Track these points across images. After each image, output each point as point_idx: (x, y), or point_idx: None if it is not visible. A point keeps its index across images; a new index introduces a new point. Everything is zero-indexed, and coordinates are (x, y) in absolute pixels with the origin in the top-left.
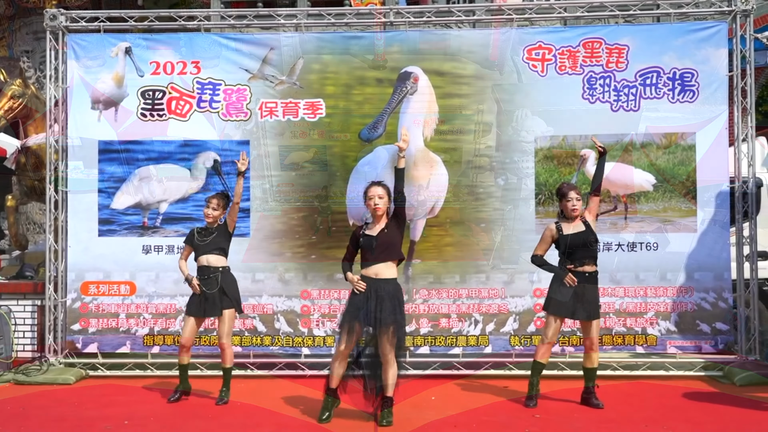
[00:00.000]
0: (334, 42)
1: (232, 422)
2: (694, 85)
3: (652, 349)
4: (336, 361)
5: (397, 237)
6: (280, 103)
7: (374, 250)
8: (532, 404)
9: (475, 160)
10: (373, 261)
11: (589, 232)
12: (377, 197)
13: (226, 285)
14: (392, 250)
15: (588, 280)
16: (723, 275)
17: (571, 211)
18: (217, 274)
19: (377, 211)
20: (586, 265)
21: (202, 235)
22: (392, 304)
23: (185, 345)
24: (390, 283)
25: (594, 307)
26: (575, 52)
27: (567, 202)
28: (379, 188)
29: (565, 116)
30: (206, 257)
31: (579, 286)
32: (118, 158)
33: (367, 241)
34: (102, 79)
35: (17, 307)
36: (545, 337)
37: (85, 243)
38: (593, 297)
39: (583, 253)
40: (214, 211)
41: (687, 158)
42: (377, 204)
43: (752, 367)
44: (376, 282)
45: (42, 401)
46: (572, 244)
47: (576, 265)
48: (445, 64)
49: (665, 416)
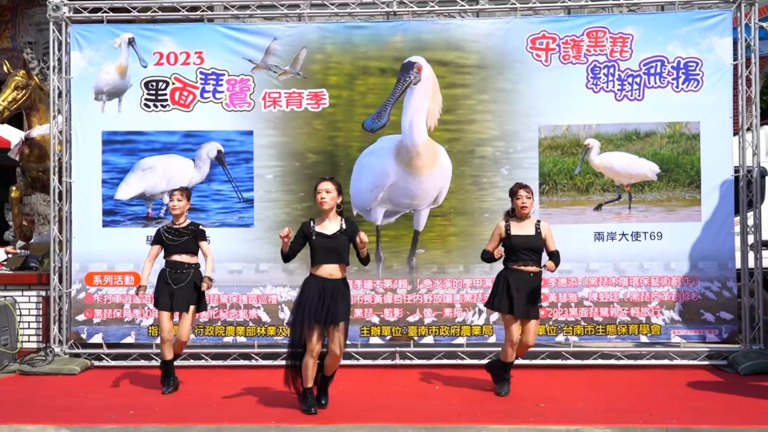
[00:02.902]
0: (337, 32)
1: (237, 412)
2: (699, 74)
3: (656, 339)
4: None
5: (348, 245)
6: (284, 94)
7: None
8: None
9: (478, 149)
10: (325, 262)
11: (538, 239)
12: (324, 191)
13: (197, 280)
14: (345, 253)
15: (532, 281)
16: (727, 264)
17: (520, 209)
18: (190, 270)
19: (323, 205)
20: (530, 265)
21: (173, 235)
22: (344, 302)
23: (168, 339)
24: (343, 282)
25: (535, 308)
26: (579, 41)
27: (517, 200)
28: (328, 183)
29: (569, 106)
30: (178, 255)
31: (523, 284)
32: (122, 149)
33: (321, 240)
34: (105, 70)
35: (22, 298)
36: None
37: (90, 234)
38: (535, 297)
39: (527, 255)
40: (179, 202)
41: (691, 147)
42: (324, 198)
43: (756, 356)
44: (329, 281)
45: (47, 391)
46: (517, 246)
47: (520, 264)
48: (448, 54)
49: (669, 405)
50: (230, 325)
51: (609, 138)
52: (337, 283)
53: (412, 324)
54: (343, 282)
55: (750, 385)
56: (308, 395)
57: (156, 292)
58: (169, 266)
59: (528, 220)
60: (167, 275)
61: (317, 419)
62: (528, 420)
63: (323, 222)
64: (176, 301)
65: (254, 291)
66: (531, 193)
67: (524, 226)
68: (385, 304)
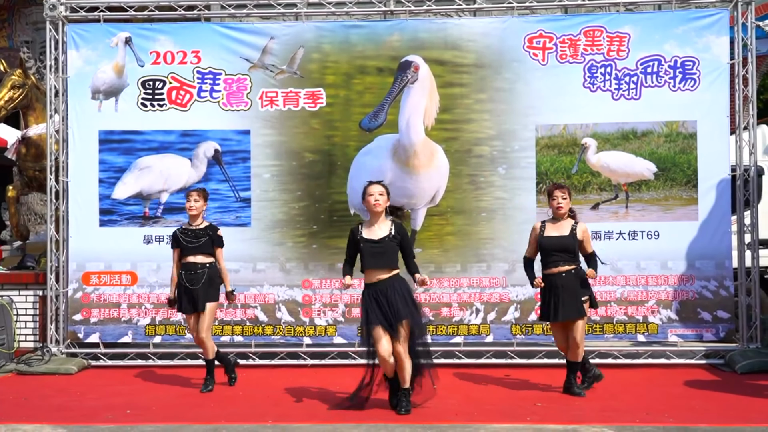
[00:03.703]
0: (334, 31)
1: (233, 411)
2: (696, 74)
3: (654, 338)
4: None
5: (397, 251)
6: (281, 93)
7: (377, 256)
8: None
9: (475, 149)
10: (374, 267)
11: (570, 239)
12: (377, 194)
13: (213, 277)
14: (393, 259)
15: (567, 280)
16: (724, 263)
17: (556, 209)
18: (205, 269)
19: (377, 207)
20: (561, 266)
21: (189, 237)
22: (402, 298)
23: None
24: (394, 279)
25: (573, 308)
26: (576, 40)
27: (552, 201)
28: (379, 186)
29: (566, 105)
30: (193, 256)
31: (560, 287)
32: (119, 148)
33: (369, 246)
34: (102, 69)
35: (19, 297)
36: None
37: (86, 233)
38: (572, 296)
39: (558, 256)
40: (196, 203)
41: (688, 147)
42: (377, 200)
43: (753, 354)
44: (380, 284)
45: (44, 391)
46: (548, 247)
47: (551, 267)
48: (445, 53)
49: (667, 404)
50: (227, 324)
51: (606, 137)
52: (387, 283)
53: None
54: (395, 279)
55: (747, 384)
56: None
57: (177, 297)
58: (184, 268)
59: (564, 221)
60: (184, 278)
61: (314, 419)
62: (525, 419)
63: (371, 226)
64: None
65: (251, 290)
66: (567, 194)
67: (559, 227)
68: None
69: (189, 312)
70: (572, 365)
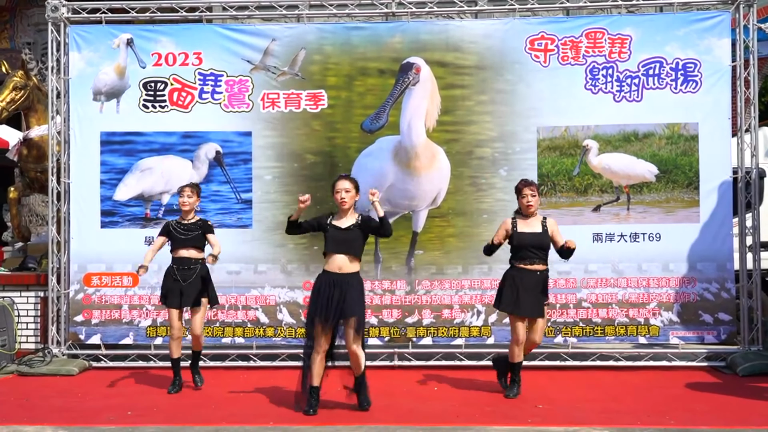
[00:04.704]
0: (335, 33)
1: (234, 412)
2: (697, 76)
3: (655, 340)
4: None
5: (361, 238)
6: (282, 95)
7: (340, 242)
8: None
9: (477, 150)
10: (336, 252)
11: (544, 236)
12: (344, 191)
13: (205, 274)
14: (357, 246)
15: (539, 279)
16: (725, 266)
17: (526, 207)
18: (197, 265)
19: (343, 205)
20: (537, 264)
21: (182, 229)
22: (355, 296)
23: (178, 337)
24: (353, 277)
25: (538, 307)
26: (578, 42)
27: (522, 199)
28: (346, 182)
29: (568, 107)
30: (186, 250)
31: (529, 283)
32: (120, 149)
33: (334, 232)
34: (104, 71)
35: (20, 298)
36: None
37: (88, 235)
38: (538, 295)
39: (534, 253)
40: (189, 198)
41: (690, 149)
42: (343, 198)
43: (755, 357)
44: (339, 276)
45: (45, 392)
46: (523, 243)
47: (526, 263)
48: (447, 55)
49: (668, 406)
50: (228, 326)
51: (607, 139)
52: (347, 278)
53: (411, 325)
54: (353, 277)
55: (748, 387)
56: (312, 394)
57: (164, 289)
58: (177, 263)
59: (534, 218)
60: (175, 272)
61: (315, 420)
62: (526, 421)
63: (341, 219)
64: (186, 298)
65: (252, 292)
66: (536, 191)
67: (530, 223)
68: (383, 305)
69: (175, 306)
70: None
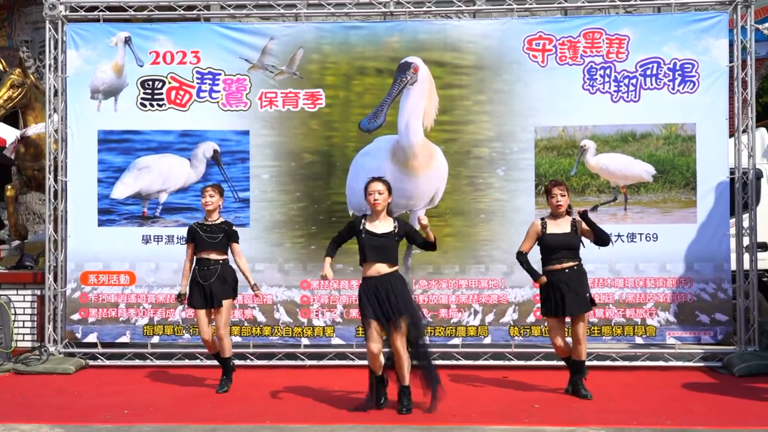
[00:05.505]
0: (334, 32)
1: (231, 412)
2: (695, 76)
3: (652, 340)
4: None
5: (397, 245)
6: (280, 93)
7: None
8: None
9: (474, 150)
10: (374, 261)
11: (573, 237)
12: (377, 193)
13: (226, 274)
14: (392, 252)
15: (572, 275)
16: (722, 266)
17: (555, 207)
18: (218, 266)
19: (376, 206)
20: (564, 262)
21: (207, 232)
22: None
23: (208, 339)
24: (393, 276)
25: (578, 302)
26: (575, 42)
27: (551, 199)
28: (379, 184)
29: (566, 107)
30: (207, 252)
31: (565, 282)
32: (118, 148)
33: (370, 239)
34: (101, 69)
35: (17, 297)
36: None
37: (85, 233)
38: (577, 291)
39: (562, 253)
40: (212, 198)
41: (687, 149)
42: (377, 199)
43: (751, 357)
44: (379, 278)
45: (42, 391)
46: (553, 245)
47: (555, 264)
48: (445, 55)
49: (664, 406)
50: None
51: (605, 139)
52: (387, 278)
53: None
54: (393, 275)
55: (745, 387)
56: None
57: (189, 290)
58: (198, 263)
59: (564, 218)
60: (197, 273)
61: (312, 419)
62: (523, 421)
63: (374, 221)
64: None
65: (250, 291)
66: (566, 190)
67: (560, 224)
68: None
69: (200, 306)
70: (577, 365)
